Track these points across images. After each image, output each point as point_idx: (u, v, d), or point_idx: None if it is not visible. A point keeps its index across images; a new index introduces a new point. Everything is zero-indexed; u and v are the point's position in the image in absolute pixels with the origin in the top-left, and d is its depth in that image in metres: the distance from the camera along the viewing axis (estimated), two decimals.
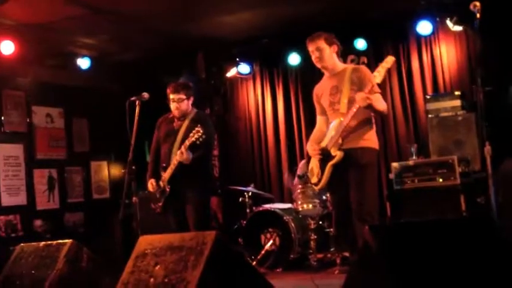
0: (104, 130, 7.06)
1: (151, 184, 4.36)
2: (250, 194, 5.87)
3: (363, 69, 3.77)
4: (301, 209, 5.45)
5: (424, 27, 5.96)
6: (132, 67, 6.93)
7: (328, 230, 5.42)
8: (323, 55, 3.77)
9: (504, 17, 5.26)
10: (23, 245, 3.57)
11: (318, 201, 5.39)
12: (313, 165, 3.84)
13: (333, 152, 3.64)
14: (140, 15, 5.64)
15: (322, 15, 5.74)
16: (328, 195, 5.31)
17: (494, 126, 3.44)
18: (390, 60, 3.54)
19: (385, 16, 6.02)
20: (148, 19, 5.77)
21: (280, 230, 5.53)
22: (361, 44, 6.24)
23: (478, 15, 3.31)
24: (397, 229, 2.43)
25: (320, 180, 3.73)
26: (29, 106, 6.58)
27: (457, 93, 5.49)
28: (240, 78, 7.25)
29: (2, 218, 6.17)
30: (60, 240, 3.40)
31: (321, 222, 5.47)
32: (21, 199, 6.40)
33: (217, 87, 7.34)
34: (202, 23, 5.99)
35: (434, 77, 6.15)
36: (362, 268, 2.34)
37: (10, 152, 6.36)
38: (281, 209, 5.65)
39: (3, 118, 6.32)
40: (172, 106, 4.38)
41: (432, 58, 6.15)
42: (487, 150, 3.22)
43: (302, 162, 5.93)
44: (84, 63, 6.59)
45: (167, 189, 4.28)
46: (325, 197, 5.38)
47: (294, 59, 6.69)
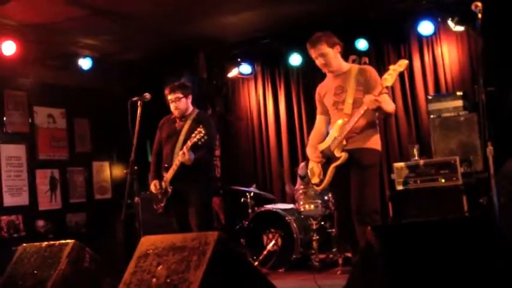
0: (106, 130, 7.06)
1: (154, 185, 4.37)
2: (252, 194, 5.87)
3: (369, 70, 3.69)
4: (303, 210, 5.45)
5: (426, 28, 5.95)
6: (134, 67, 6.94)
7: (330, 230, 5.41)
8: (328, 60, 3.67)
9: (506, 17, 5.25)
10: (26, 245, 3.57)
11: (319, 201, 5.39)
12: (313, 165, 3.78)
13: (336, 153, 3.59)
14: (141, 15, 5.65)
15: (324, 16, 5.74)
16: (329, 196, 5.31)
17: (496, 127, 3.44)
18: (403, 63, 3.43)
19: (386, 16, 6.02)
20: (149, 19, 5.77)
21: (282, 230, 5.53)
22: (362, 44, 6.24)
23: (479, 15, 3.29)
24: (399, 229, 2.43)
25: (322, 181, 3.68)
26: (30, 106, 6.59)
27: (459, 93, 5.48)
28: (241, 79, 7.25)
29: (4, 218, 6.18)
30: (62, 241, 3.40)
31: (323, 223, 5.46)
32: (24, 199, 6.41)
33: (219, 87, 7.34)
34: (204, 23, 6.00)
35: (436, 78, 6.14)
36: (364, 268, 2.34)
37: (12, 152, 6.36)
38: (283, 210, 5.65)
39: (5, 119, 6.33)
40: (172, 106, 4.41)
41: (434, 58, 6.15)
42: (489, 150, 3.22)
43: (302, 164, 5.92)
44: (85, 63, 6.59)
45: (169, 190, 4.29)
46: (327, 198, 5.38)
47: (295, 59, 6.68)
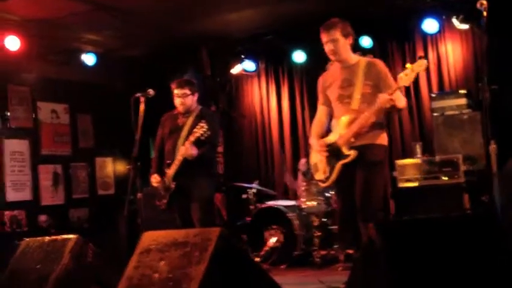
0: (109, 126, 7.06)
1: (154, 178, 4.34)
2: (254, 190, 5.88)
3: (378, 64, 3.55)
4: (305, 206, 5.46)
5: (430, 25, 5.93)
6: (137, 63, 6.94)
7: (331, 227, 5.42)
8: (338, 48, 3.52)
9: (511, 15, 5.23)
10: (28, 239, 3.57)
11: (322, 198, 5.40)
12: (316, 160, 3.66)
13: (344, 150, 3.47)
14: (145, 11, 5.65)
15: (327, 13, 5.70)
16: (332, 193, 5.31)
17: (500, 125, 3.43)
18: (423, 63, 3.30)
19: (390, 14, 5.99)
20: (153, 15, 5.77)
21: (284, 227, 5.54)
22: (366, 41, 6.22)
23: (484, 14, 3.28)
24: (400, 226, 2.43)
25: (328, 177, 3.57)
26: (34, 102, 6.61)
27: (462, 91, 5.48)
28: (245, 76, 7.25)
29: (7, 213, 6.20)
30: (65, 236, 3.40)
31: (325, 220, 5.47)
32: (27, 195, 6.42)
33: (222, 84, 7.34)
34: (207, 19, 5.99)
35: (439, 75, 6.13)
36: (366, 265, 2.34)
37: (16, 147, 6.38)
38: (285, 206, 5.66)
39: (8, 114, 6.35)
40: (177, 101, 4.37)
41: (438, 56, 6.13)
42: (492, 148, 3.21)
43: (304, 160, 5.92)
44: (89, 59, 6.59)
45: (172, 186, 4.27)
46: (329, 194, 5.39)
47: (299, 56, 6.67)
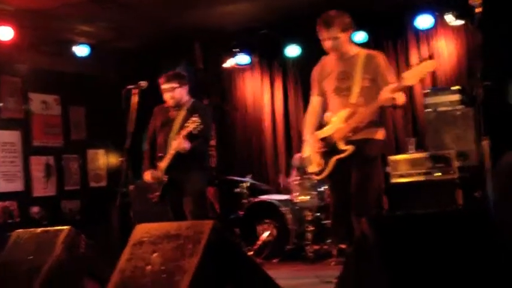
0: (101, 118, 7.03)
1: (147, 175, 4.33)
2: (247, 184, 5.88)
3: (378, 57, 3.44)
4: (298, 201, 5.47)
5: (423, 21, 5.94)
6: (130, 55, 6.90)
7: (325, 222, 5.43)
8: (339, 45, 3.41)
9: (504, 12, 5.24)
10: (19, 231, 3.55)
11: (315, 193, 5.40)
12: (311, 152, 3.57)
13: (341, 145, 3.39)
14: (138, 3, 5.61)
15: (322, 7, 5.69)
16: (325, 187, 5.31)
17: (493, 121, 3.44)
18: (431, 65, 3.19)
19: (384, 9, 5.98)
20: (146, 7, 5.74)
21: (276, 221, 5.54)
22: (360, 36, 6.20)
23: (477, 10, 3.28)
24: (394, 221, 2.43)
25: (322, 171, 3.49)
26: (25, 93, 6.55)
27: (455, 87, 5.49)
28: (238, 69, 7.22)
29: None
30: (57, 227, 3.39)
31: (318, 214, 5.48)
32: (18, 185, 6.39)
33: (215, 77, 7.31)
34: (201, 12, 5.96)
35: (433, 72, 6.12)
36: (358, 259, 2.34)
37: (7, 138, 6.34)
38: (278, 200, 5.66)
39: (0, 104, 6.30)
40: (166, 96, 4.34)
41: (431, 52, 6.14)
42: (485, 144, 3.22)
43: (297, 155, 5.91)
44: (81, 50, 6.55)
45: (164, 179, 4.27)
46: (322, 189, 5.39)
47: (292, 50, 6.65)
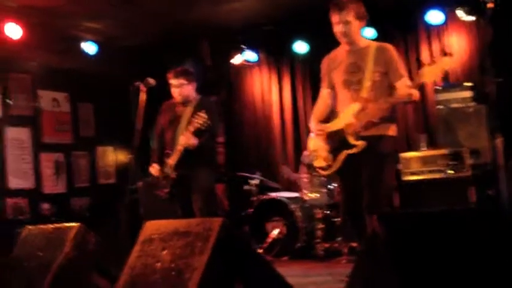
0: (110, 115, 7.05)
1: (153, 168, 4.33)
2: (257, 182, 5.86)
3: (390, 50, 3.35)
4: (308, 198, 5.44)
5: (435, 17, 5.88)
6: (138, 52, 6.90)
7: (335, 219, 5.40)
8: (349, 30, 3.31)
9: None
10: (30, 227, 3.58)
11: (324, 190, 5.37)
12: (317, 146, 3.46)
13: (351, 140, 3.29)
14: (146, 0, 5.59)
15: (330, 2, 5.66)
16: (335, 185, 5.28)
17: (505, 118, 3.39)
18: (448, 62, 3.15)
19: (394, 4, 5.94)
20: (153, 4, 5.72)
21: (286, 218, 5.52)
22: (369, 32, 6.15)
23: (489, 5, 3.23)
24: (405, 218, 2.41)
25: (330, 166, 3.38)
26: (35, 90, 6.58)
27: (467, 84, 5.43)
28: (246, 66, 7.20)
29: (9, 200, 6.20)
30: (68, 224, 3.40)
31: (328, 212, 5.45)
32: (29, 182, 6.42)
33: (223, 74, 7.30)
34: (208, 9, 5.93)
35: None
36: (369, 257, 2.32)
37: (17, 135, 6.37)
38: (287, 198, 5.64)
39: (10, 101, 6.33)
40: (174, 92, 4.34)
41: (442, 48, 6.08)
42: (498, 142, 3.18)
43: (307, 152, 5.88)
44: (90, 48, 6.56)
45: (173, 176, 4.26)
46: (332, 187, 5.36)
47: (300, 46, 6.62)
